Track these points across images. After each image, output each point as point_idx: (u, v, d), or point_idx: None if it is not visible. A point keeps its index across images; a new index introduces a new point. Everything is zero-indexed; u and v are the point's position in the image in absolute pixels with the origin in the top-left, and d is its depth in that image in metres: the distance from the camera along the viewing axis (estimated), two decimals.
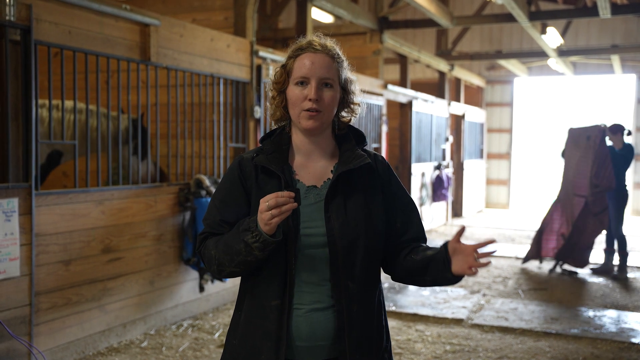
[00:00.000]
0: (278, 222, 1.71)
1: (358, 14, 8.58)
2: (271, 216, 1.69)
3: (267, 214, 1.69)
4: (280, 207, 1.68)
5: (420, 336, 5.20)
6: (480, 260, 1.77)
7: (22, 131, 4.08)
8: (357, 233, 1.85)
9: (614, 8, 8.60)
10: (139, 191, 5.06)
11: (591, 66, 14.42)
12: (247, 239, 1.75)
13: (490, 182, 15.59)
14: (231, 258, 1.81)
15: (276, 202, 1.68)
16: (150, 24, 5.03)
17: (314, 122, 1.86)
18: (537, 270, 7.92)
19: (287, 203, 1.69)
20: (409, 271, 1.94)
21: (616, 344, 5.00)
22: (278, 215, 1.69)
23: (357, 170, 1.91)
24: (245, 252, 1.77)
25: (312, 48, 1.89)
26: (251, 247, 1.75)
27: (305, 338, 1.84)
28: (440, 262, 1.83)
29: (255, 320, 1.87)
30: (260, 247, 1.75)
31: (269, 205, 1.69)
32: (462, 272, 1.79)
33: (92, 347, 4.65)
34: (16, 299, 4.01)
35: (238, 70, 6.12)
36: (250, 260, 1.79)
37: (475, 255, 1.77)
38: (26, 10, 4.01)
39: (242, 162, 1.93)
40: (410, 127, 10.42)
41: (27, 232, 4.06)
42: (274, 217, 1.69)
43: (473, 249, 1.78)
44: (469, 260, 1.78)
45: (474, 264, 1.77)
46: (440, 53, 12.23)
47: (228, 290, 6.05)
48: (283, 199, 1.68)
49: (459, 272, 1.80)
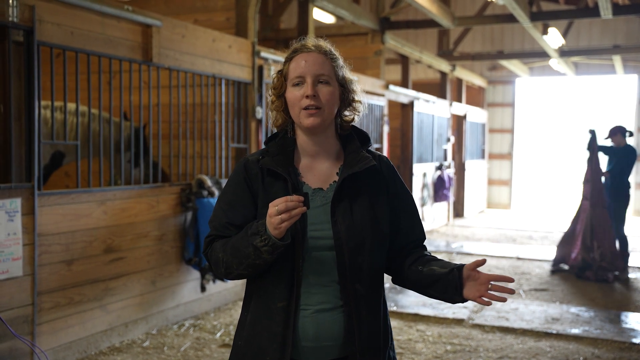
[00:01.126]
0: (287, 226, 1.70)
1: (359, 15, 8.60)
2: (281, 220, 1.69)
3: (276, 218, 1.69)
4: (290, 212, 1.68)
5: (421, 336, 5.21)
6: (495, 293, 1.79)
7: (24, 131, 4.10)
8: (364, 236, 1.86)
9: (616, 8, 8.60)
10: (141, 191, 5.08)
11: (593, 67, 14.42)
12: (256, 242, 1.75)
13: (491, 182, 15.59)
14: (239, 261, 1.81)
15: (286, 207, 1.68)
16: (152, 25, 5.05)
17: (314, 119, 1.87)
18: (538, 270, 7.92)
19: (296, 207, 1.69)
20: (412, 281, 1.96)
21: (617, 344, 5.01)
22: (288, 220, 1.69)
23: (363, 173, 1.92)
24: (254, 256, 1.77)
25: (305, 49, 1.91)
26: (260, 250, 1.75)
27: (311, 339, 1.85)
28: (452, 285, 1.84)
29: (261, 321, 1.88)
30: (269, 251, 1.75)
31: (279, 210, 1.68)
32: (473, 299, 1.81)
33: (94, 347, 4.66)
34: (19, 299, 4.03)
35: (240, 71, 6.14)
36: (259, 263, 1.79)
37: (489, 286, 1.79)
38: (29, 11, 4.03)
39: (247, 165, 1.93)
40: (411, 128, 10.42)
41: (29, 232, 4.08)
42: (284, 221, 1.69)
43: (488, 280, 1.79)
44: (482, 289, 1.79)
45: (486, 295, 1.78)
46: (442, 53, 12.24)
47: (229, 290, 6.06)
48: (293, 203, 1.68)
49: (470, 298, 1.82)
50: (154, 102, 5.49)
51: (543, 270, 7.93)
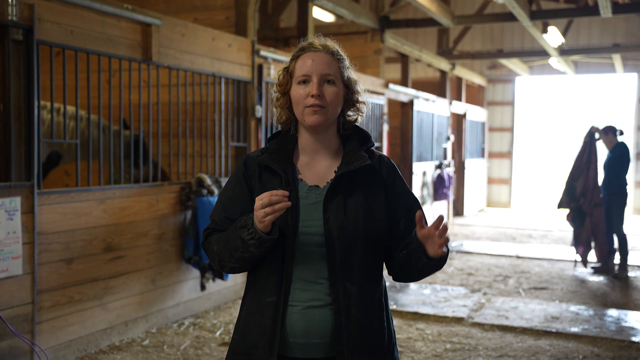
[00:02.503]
0: (272, 219, 1.74)
1: (359, 13, 8.59)
2: (264, 214, 1.73)
3: (260, 211, 1.73)
4: (274, 206, 1.72)
5: (420, 334, 5.21)
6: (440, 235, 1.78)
7: (24, 130, 4.10)
8: (356, 234, 1.87)
9: (615, 7, 8.59)
10: (140, 190, 5.08)
11: (592, 65, 14.42)
12: (244, 235, 1.80)
13: (491, 181, 15.59)
14: (230, 254, 1.86)
15: (269, 200, 1.72)
16: (152, 24, 5.05)
17: (318, 118, 1.89)
18: (537, 269, 7.93)
19: (280, 202, 1.72)
20: (401, 266, 1.96)
21: (616, 343, 5.01)
22: (271, 214, 1.73)
23: (359, 171, 1.93)
24: (242, 249, 1.81)
25: (312, 48, 1.93)
26: (247, 243, 1.79)
27: (300, 335, 1.86)
28: (417, 251, 1.85)
29: (253, 315, 1.91)
30: (256, 244, 1.79)
31: (263, 204, 1.72)
32: (435, 254, 1.80)
33: (94, 345, 4.67)
34: (19, 297, 4.03)
35: (239, 70, 6.14)
36: (247, 256, 1.83)
37: (438, 233, 1.79)
38: (28, 10, 4.03)
39: (247, 161, 1.98)
40: (411, 126, 10.42)
41: (29, 231, 4.08)
42: (267, 214, 1.73)
43: (435, 230, 1.78)
44: (436, 241, 1.79)
45: (440, 242, 1.78)
46: (442, 52, 12.24)
47: (229, 288, 6.07)
48: (276, 198, 1.72)
49: (433, 255, 1.81)
50: (154, 101, 5.49)
51: (542, 268, 7.94)
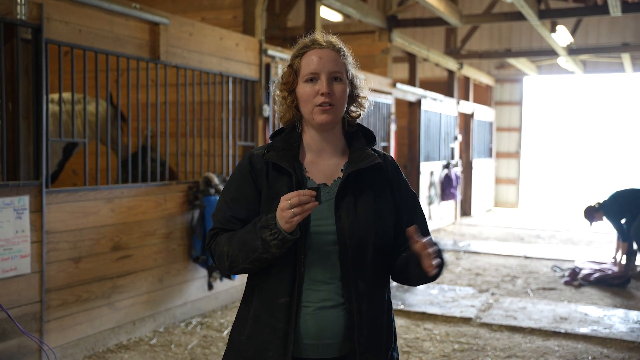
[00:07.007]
0: (299, 220, 1.71)
1: (367, 13, 8.58)
2: (293, 214, 1.69)
3: (289, 212, 1.69)
4: (303, 206, 1.69)
5: (428, 335, 5.20)
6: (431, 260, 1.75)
7: (32, 129, 4.11)
8: (367, 233, 1.86)
9: (625, 6, 8.54)
10: (148, 189, 5.08)
11: (601, 64, 14.33)
12: (265, 236, 1.75)
13: (499, 181, 15.54)
14: (246, 255, 1.81)
15: (299, 201, 1.68)
16: (160, 23, 5.05)
17: (328, 116, 1.87)
18: (546, 269, 7.89)
19: (309, 202, 1.69)
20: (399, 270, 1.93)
21: (626, 344, 4.98)
22: (300, 214, 1.69)
23: (367, 170, 1.92)
24: (262, 249, 1.77)
25: (317, 44, 1.91)
26: (269, 244, 1.76)
27: (313, 336, 1.85)
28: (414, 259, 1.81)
29: (263, 317, 1.88)
30: (278, 245, 1.75)
31: (292, 204, 1.69)
32: (427, 271, 1.76)
33: (101, 344, 4.68)
34: (27, 296, 4.04)
35: (247, 69, 6.14)
36: (266, 257, 1.79)
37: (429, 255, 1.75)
38: (37, 9, 4.04)
39: (252, 159, 1.93)
40: (419, 126, 10.40)
41: (37, 230, 4.09)
42: (296, 215, 1.69)
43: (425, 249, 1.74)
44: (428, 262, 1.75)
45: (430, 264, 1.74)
46: (449, 52, 12.20)
47: (236, 288, 6.07)
48: (306, 197, 1.69)
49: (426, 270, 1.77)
50: (162, 100, 5.49)
51: (550, 269, 7.89)
